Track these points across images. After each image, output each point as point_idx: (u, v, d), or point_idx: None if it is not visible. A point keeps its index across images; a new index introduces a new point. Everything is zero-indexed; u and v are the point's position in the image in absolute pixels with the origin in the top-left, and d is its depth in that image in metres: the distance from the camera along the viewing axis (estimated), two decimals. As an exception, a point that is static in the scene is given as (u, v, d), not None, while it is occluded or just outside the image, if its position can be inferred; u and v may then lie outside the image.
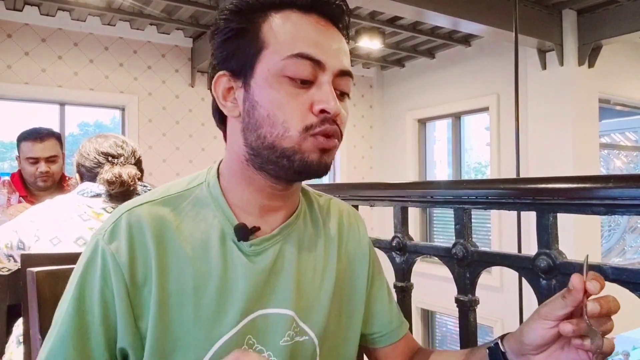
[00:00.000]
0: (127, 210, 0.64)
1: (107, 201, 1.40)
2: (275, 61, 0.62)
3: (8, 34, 4.04)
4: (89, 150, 1.44)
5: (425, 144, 5.73)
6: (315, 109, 0.62)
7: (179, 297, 0.62)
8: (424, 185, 1.35)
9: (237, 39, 0.65)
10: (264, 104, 0.62)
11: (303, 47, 0.62)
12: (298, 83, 0.62)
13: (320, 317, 0.70)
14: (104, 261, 0.60)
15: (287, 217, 0.72)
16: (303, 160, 0.62)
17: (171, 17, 4.38)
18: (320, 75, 0.63)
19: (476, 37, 4.79)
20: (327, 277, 0.73)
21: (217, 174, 0.70)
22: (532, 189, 0.92)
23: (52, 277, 0.79)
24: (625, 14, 3.84)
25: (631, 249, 5.67)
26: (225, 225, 0.66)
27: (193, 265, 0.63)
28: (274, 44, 0.63)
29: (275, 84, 0.62)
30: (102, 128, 4.77)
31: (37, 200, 2.08)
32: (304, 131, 0.62)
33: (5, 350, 1.43)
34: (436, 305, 5.19)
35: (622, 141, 6.08)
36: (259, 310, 0.65)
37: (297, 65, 0.62)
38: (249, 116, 0.64)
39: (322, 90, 0.62)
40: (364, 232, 0.84)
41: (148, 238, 0.62)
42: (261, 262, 0.67)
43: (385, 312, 0.82)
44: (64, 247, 1.32)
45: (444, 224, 5.48)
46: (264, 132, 0.62)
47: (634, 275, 0.77)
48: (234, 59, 0.65)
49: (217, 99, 0.67)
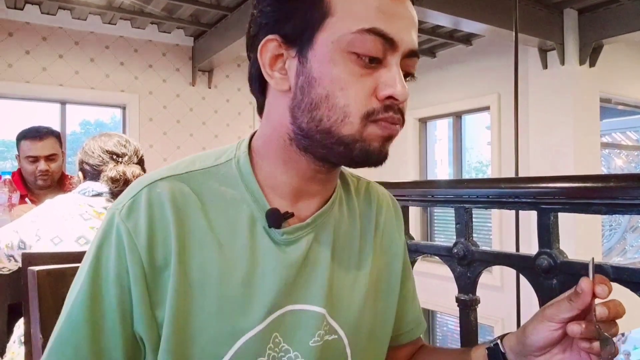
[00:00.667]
0: (148, 184, 0.57)
1: (109, 200, 1.41)
2: (342, 33, 0.54)
3: (9, 33, 4.04)
4: (94, 148, 1.45)
5: (426, 143, 5.72)
6: (381, 94, 0.55)
7: (201, 286, 0.55)
8: (425, 185, 1.35)
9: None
10: (324, 82, 0.55)
11: (377, 21, 0.54)
12: (365, 62, 0.54)
13: (353, 314, 0.64)
14: (119, 240, 0.54)
15: (322, 203, 0.65)
16: (364, 149, 0.56)
17: (172, 16, 4.38)
18: (390, 55, 0.55)
19: (477, 36, 4.78)
20: (362, 271, 0.67)
21: (248, 149, 0.63)
22: (533, 188, 0.92)
23: (53, 276, 0.79)
24: (627, 13, 3.84)
25: (632, 248, 5.66)
26: (256, 210, 0.60)
27: (218, 252, 0.57)
28: (343, 12, 0.54)
29: (339, 60, 0.54)
30: (102, 127, 4.78)
31: (37, 198, 2.09)
32: (365, 117, 0.55)
33: (6, 350, 1.43)
34: (437, 305, 5.19)
35: (623, 140, 6.08)
36: (288, 305, 0.59)
37: (367, 42, 0.54)
38: (303, 94, 0.56)
39: (391, 72, 0.55)
40: (401, 223, 0.77)
41: (170, 218, 0.55)
42: (293, 252, 0.60)
43: (409, 311, 0.76)
44: (65, 247, 1.32)
45: (445, 223, 5.47)
46: (320, 114, 0.55)
47: (634, 275, 0.77)
48: (290, 22, 0.56)
49: (263, 66, 0.58)
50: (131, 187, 0.59)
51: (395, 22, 0.55)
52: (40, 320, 0.77)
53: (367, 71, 0.55)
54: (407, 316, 0.76)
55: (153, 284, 0.54)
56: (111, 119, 4.79)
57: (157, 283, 0.55)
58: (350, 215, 0.69)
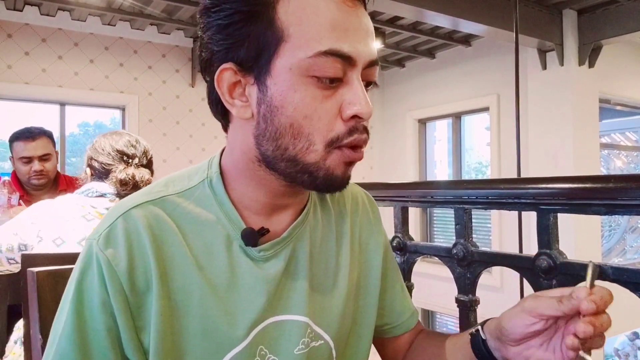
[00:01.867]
0: (124, 213, 0.57)
1: (112, 201, 1.40)
2: (299, 58, 0.52)
3: (8, 34, 4.04)
4: (104, 146, 1.44)
5: (425, 144, 5.72)
6: (345, 113, 0.54)
7: (184, 307, 0.56)
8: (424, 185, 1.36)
9: (246, 25, 0.53)
10: (287, 111, 0.53)
11: (332, 40, 0.52)
12: (326, 83, 0.53)
13: (335, 318, 0.66)
14: (99, 269, 0.54)
15: (297, 213, 0.65)
16: (327, 177, 0.55)
17: (171, 17, 4.38)
18: (350, 71, 0.54)
19: (476, 37, 4.79)
20: (340, 273, 0.68)
21: (219, 169, 0.63)
22: (533, 189, 0.92)
23: (52, 277, 0.79)
24: (626, 14, 3.84)
25: (631, 249, 5.66)
26: (231, 230, 0.60)
27: (198, 274, 0.57)
28: (297, 36, 0.52)
29: (300, 85, 0.53)
30: (102, 128, 4.77)
31: (33, 200, 2.08)
32: (329, 144, 0.54)
33: (6, 351, 1.43)
34: (436, 305, 5.19)
35: (622, 141, 6.08)
36: (271, 317, 0.61)
37: (326, 64, 0.52)
38: (266, 122, 0.55)
39: (353, 90, 0.54)
40: (378, 219, 0.78)
41: (147, 244, 0.56)
42: (272, 267, 0.61)
43: (398, 303, 0.77)
44: (67, 248, 1.31)
45: (444, 224, 5.47)
46: (285, 143, 0.54)
47: (634, 276, 0.77)
48: (242, 49, 0.54)
49: (222, 95, 0.57)
50: (107, 216, 0.59)
51: (351, 36, 0.53)
52: (39, 321, 0.77)
53: (328, 92, 0.54)
54: (400, 308, 0.77)
55: (137, 311, 0.55)
56: (110, 120, 4.79)
57: (140, 309, 0.55)
58: (325, 219, 0.70)
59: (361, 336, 0.71)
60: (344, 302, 0.67)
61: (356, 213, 0.74)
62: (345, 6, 0.54)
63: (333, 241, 0.69)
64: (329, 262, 0.68)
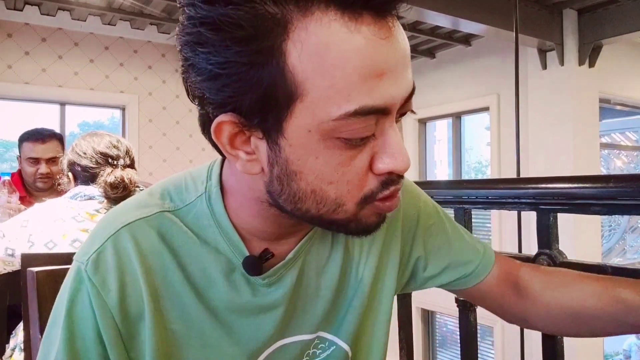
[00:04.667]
0: (114, 234, 0.51)
1: (101, 202, 1.38)
2: (320, 120, 0.41)
3: (8, 34, 4.03)
4: (85, 149, 1.40)
5: (425, 144, 5.72)
6: (379, 168, 0.45)
7: (184, 336, 0.52)
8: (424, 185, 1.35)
9: (247, 75, 0.41)
10: (307, 178, 0.44)
11: (365, 95, 0.40)
12: (357, 141, 0.43)
13: (348, 324, 0.61)
14: (89, 298, 0.50)
15: (305, 233, 0.58)
16: (360, 227, 0.48)
17: (171, 17, 4.37)
18: (383, 120, 0.43)
19: (476, 36, 4.78)
20: (348, 277, 0.62)
21: (219, 185, 0.54)
22: (533, 188, 0.92)
23: (52, 277, 0.79)
24: (626, 13, 3.84)
25: (631, 248, 5.66)
26: (232, 256, 0.53)
27: (198, 301, 0.52)
28: (315, 93, 0.40)
29: (322, 150, 0.42)
30: (101, 128, 4.78)
31: (34, 200, 2.08)
32: (361, 202, 0.46)
33: (5, 350, 1.43)
34: (436, 305, 5.19)
35: (622, 141, 6.08)
36: (279, 341, 0.56)
37: (356, 124, 0.41)
38: (282, 185, 0.46)
39: (388, 141, 0.44)
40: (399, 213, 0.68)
41: (139, 270, 0.50)
42: (277, 293, 0.55)
43: (456, 254, 0.69)
44: (59, 251, 1.29)
45: (444, 224, 5.46)
46: (306, 206, 0.46)
47: (634, 276, 0.77)
48: (245, 101, 0.42)
49: (222, 147, 0.46)
50: (95, 236, 0.52)
51: (388, 80, 0.41)
52: (39, 321, 0.77)
53: (358, 150, 0.44)
54: (459, 259, 0.68)
55: (130, 342, 0.51)
56: (110, 120, 4.79)
57: (133, 340, 0.51)
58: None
59: (375, 335, 0.65)
60: (359, 305, 0.61)
61: None
62: (378, 39, 0.40)
63: (342, 245, 0.62)
64: (338, 270, 0.61)
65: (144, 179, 1.53)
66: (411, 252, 0.69)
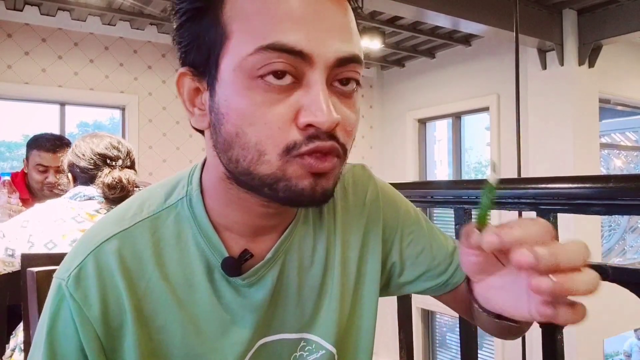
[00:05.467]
0: (94, 249, 0.52)
1: (100, 203, 1.38)
2: (241, 57, 0.45)
3: (8, 34, 4.03)
4: (84, 150, 1.40)
5: (425, 144, 5.72)
6: (299, 121, 0.45)
7: (166, 347, 0.53)
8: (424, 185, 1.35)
9: (194, 24, 0.48)
10: (231, 119, 0.46)
11: (280, 33, 0.44)
12: (274, 84, 0.45)
13: (332, 325, 0.61)
14: (70, 315, 0.50)
15: (284, 229, 0.58)
16: (289, 190, 0.47)
17: (171, 17, 4.37)
18: (308, 71, 0.45)
19: (476, 37, 4.79)
20: (331, 277, 0.62)
21: (200, 186, 0.56)
22: (533, 189, 0.92)
23: (52, 277, 0.79)
24: (626, 13, 3.84)
25: (631, 248, 5.66)
26: (212, 257, 0.54)
27: (179, 310, 0.53)
28: (240, 31, 0.45)
29: (244, 89, 0.45)
30: (101, 128, 4.77)
31: (36, 201, 2.08)
32: (284, 153, 0.46)
33: (5, 351, 1.43)
34: (436, 305, 5.19)
35: (622, 141, 6.09)
36: (261, 340, 0.57)
37: (269, 60, 0.44)
38: (217, 133, 0.49)
39: (311, 94, 0.45)
40: (375, 196, 0.68)
41: (121, 284, 0.51)
42: (258, 292, 0.56)
43: (432, 262, 0.69)
44: (59, 251, 1.29)
45: (444, 224, 5.47)
46: (235, 154, 0.48)
47: (634, 276, 0.77)
48: (194, 52, 0.49)
49: (183, 103, 0.52)
50: (76, 252, 0.53)
51: (307, 28, 0.44)
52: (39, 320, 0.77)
53: (280, 96, 0.45)
54: (436, 268, 0.69)
55: (113, 355, 0.51)
56: (109, 120, 4.79)
57: (117, 353, 0.51)
58: (313, 219, 0.63)
59: (361, 334, 0.66)
60: (339, 306, 0.61)
61: (347, 200, 0.66)
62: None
63: (323, 241, 0.62)
64: (320, 268, 0.62)
65: (143, 179, 1.52)
66: (388, 257, 0.70)
